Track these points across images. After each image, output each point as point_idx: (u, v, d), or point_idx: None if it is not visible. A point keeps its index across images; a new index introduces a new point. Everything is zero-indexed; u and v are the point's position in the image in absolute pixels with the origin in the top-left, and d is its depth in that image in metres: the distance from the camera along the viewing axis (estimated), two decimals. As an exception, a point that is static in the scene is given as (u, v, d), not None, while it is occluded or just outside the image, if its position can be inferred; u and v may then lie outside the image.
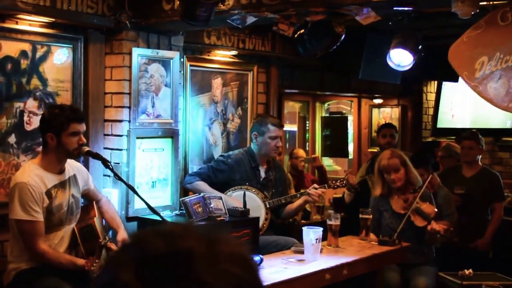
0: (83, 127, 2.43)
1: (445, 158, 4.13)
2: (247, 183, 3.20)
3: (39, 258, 2.33)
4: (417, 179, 3.06)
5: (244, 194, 3.04)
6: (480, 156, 3.83)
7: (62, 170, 2.45)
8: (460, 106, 5.26)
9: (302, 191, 3.68)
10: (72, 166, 2.52)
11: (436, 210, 2.95)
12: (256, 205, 3.15)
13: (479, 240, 3.66)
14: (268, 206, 3.21)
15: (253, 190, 3.20)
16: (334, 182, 3.39)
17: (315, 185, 3.28)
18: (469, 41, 2.40)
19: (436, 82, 5.31)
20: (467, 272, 2.94)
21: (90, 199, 2.64)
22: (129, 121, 3.03)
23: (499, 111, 4.50)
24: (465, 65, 2.41)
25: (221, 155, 3.38)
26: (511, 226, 4.11)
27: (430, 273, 2.99)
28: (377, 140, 4.30)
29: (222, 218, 2.85)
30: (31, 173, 2.35)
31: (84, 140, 2.43)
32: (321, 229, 2.67)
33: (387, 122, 4.96)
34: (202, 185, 3.15)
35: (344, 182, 3.38)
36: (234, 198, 3.14)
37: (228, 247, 0.56)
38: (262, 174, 3.29)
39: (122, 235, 2.56)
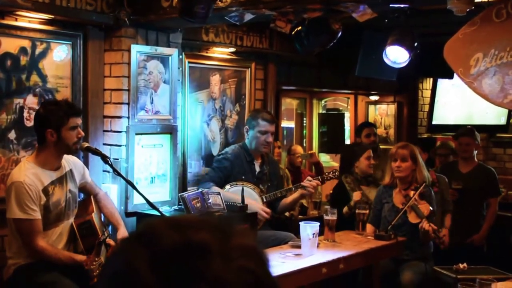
0: (80, 120, 2.44)
1: (445, 156, 4.18)
2: (243, 177, 3.23)
3: (38, 255, 2.34)
4: (425, 178, 3.09)
5: (242, 189, 3.07)
6: (476, 152, 3.88)
7: (59, 166, 2.45)
8: (455, 102, 5.30)
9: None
10: (68, 161, 2.52)
11: (431, 209, 3.00)
12: (253, 199, 3.18)
13: (475, 235, 3.71)
14: (265, 200, 3.24)
15: (250, 185, 3.23)
16: (326, 174, 3.39)
17: (309, 178, 3.31)
18: (465, 38, 2.44)
19: (431, 79, 5.35)
20: (461, 266, 2.99)
21: (87, 193, 2.66)
22: (128, 118, 3.05)
23: (493, 107, 4.56)
24: (460, 61, 2.44)
25: (218, 154, 3.40)
26: (505, 221, 4.17)
27: (419, 268, 3.03)
28: (360, 140, 4.25)
29: (220, 213, 2.88)
30: (27, 172, 2.35)
31: (82, 133, 2.45)
32: (318, 224, 2.70)
33: (366, 121, 4.98)
34: (218, 190, 3.14)
35: (336, 173, 3.39)
36: (232, 193, 3.17)
37: (241, 240, 0.54)
38: (257, 168, 3.33)
39: (122, 232, 2.57)
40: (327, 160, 5.32)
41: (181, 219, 0.55)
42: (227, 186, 3.22)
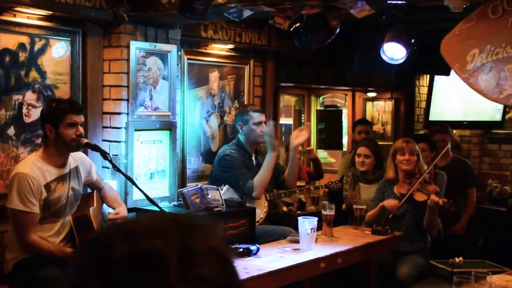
0: (80, 118, 2.46)
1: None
2: None
3: (28, 248, 2.36)
4: (424, 170, 3.16)
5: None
6: (450, 146, 4.01)
7: (64, 163, 2.47)
8: (451, 99, 5.34)
9: (299, 184, 3.75)
10: (75, 157, 2.55)
11: (438, 190, 3.07)
12: None
13: (456, 225, 3.81)
14: (268, 198, 3.27)
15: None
16: (330, 183, 3.56)
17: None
18: (461, 34, 2.46)
19: (428, 75, 5.38)
20: (457, 260, 3.03)
21: (93, 188, 2.68)
22: (127, 114, 3.06)
23: (489, 103, 4.59)
24: (457, 57, 2.47)
25: (224, 156, 3.24)
26: (499, 216, 4.22)
27: (416, 262, 3.07)
28: (353, 136, 4.39)
29: (219, 208, 2.90)
30: (33, 165, 2.38)
31: (82, 131, 2.46)
32: (316, 219, 2.73)
33: (362, 118, 5.04)
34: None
35: (339, 184, 3.52)
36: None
37: (203, 243, 0.51)
38: (254, 162, 3.36)
39: (123, 212, 2.61)
40: (325, 156, 5.35)
41: (136, 226, 0.52)
42: (227, 185, 3.24)
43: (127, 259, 0.48)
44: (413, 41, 3.06)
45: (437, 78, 5.27)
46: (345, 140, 5.29)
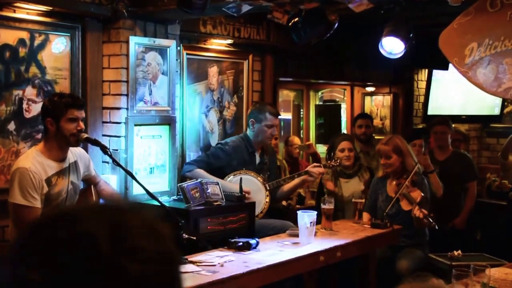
0: (82, 113, 2.46)
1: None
2: (244, 169, 3.27)
3: None
4: (413, 166, 3.14)
5: (240, 179, 3.10)
6: (450, 140, 3.98)
7: (64, 157, 2.48)
8: (450, 93, 5.35)
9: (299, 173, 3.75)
10: (74, 152, 2.56)
11: (422, 195, 3.05)
12: (256, 188, 3.22)
13: (456, 219, 3.82)
14: (268, 188, 3.28)
15: (252, 174, 3.27)
16: (329, 162, 3.45)
17: (315, 164, 3.36)
18: (459, 28, 2.47)
19: (427, 70, 5.39)
20: (456, 253, 3.06)
21: (89, 184, 2.70)
22: (127, 109, 3.07)
23: (488, 98, 4.60)
24: (455, 51, 2.48)
25: (218, 143, 3.40)
26: (498, 209, 4.25)
27: (415, 256, 3.09)
28: (353, 130, 4.36)
29: (219, 203, 2.92)
30: (34, 160, 2.39)
31: (83, 126, 2.47)
32: (315, 213, 2.75)
33: (362, 112, 5.04)
34: (201, 172, 3.19)
35: (339, 161, 3.44)
36: (234, 183, 3.20)
37: (134, 219, 0.54)
38: (258, 159, 3.37)
39: None
40: (324, 151, 5.36)
41: (67, 212, 0.56)
42: (230, 176, 3.25)
43: (63, 243, 0.51)
44: (411, 35, 3.07)
45: (436, 73, 5.28)
46: (344, 134, 5.29)
